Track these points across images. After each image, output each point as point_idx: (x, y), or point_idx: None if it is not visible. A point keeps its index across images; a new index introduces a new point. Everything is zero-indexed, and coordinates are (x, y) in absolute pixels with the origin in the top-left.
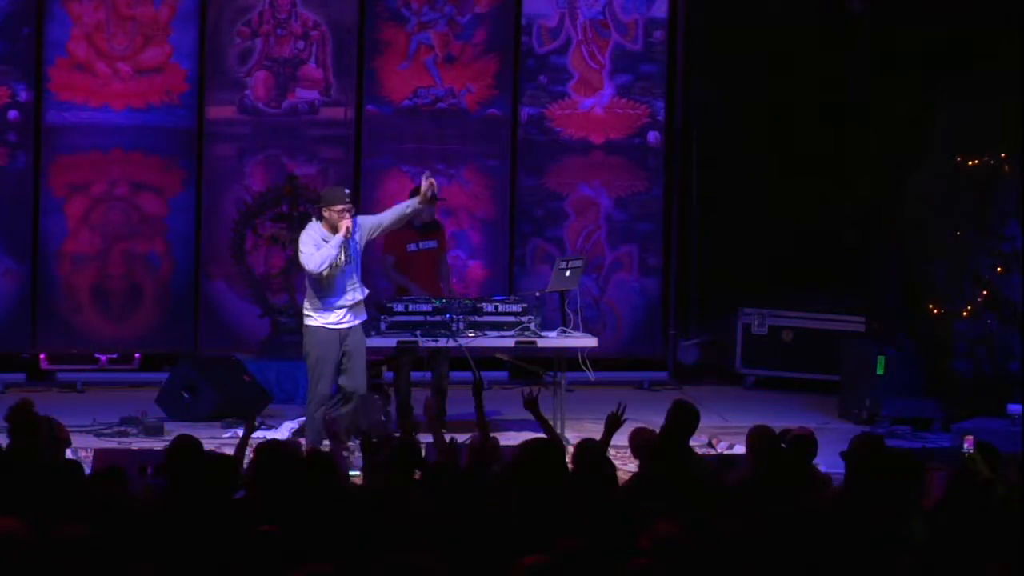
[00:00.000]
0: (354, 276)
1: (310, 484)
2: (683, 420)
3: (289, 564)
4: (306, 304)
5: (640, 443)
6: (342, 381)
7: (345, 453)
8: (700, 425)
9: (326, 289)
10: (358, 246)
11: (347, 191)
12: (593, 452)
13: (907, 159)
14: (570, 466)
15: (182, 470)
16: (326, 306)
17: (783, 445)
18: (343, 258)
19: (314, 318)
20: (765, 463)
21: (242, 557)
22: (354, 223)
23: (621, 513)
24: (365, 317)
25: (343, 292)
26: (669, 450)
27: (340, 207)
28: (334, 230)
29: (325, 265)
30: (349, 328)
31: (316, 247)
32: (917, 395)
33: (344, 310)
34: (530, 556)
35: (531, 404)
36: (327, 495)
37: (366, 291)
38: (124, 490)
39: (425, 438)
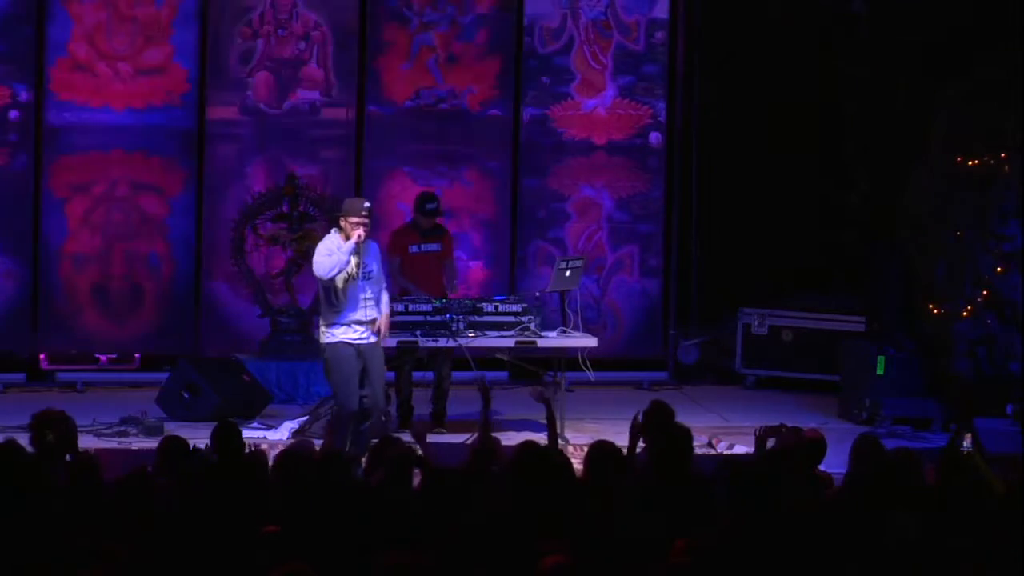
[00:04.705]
0: (369, 292)
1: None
2: (658, 418)
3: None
4: (321, 321)
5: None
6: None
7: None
8: (700, 425)
9: (340, 302)
10: (372, 267)
11: (367, 205)
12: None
13: (907, 159)
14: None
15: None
16: (341, 320)
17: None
18: (355, 269)
19: (331, 335)
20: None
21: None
22: (372, 247)
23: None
24: (378, 338)
25: (357, 306)
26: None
27: (355, 219)
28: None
29: (335, 272)
30: (367, 345)
31: (329, 254)
32: (917, 395)
33: (361, 327)
34: (549, 557)
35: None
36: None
37: (377, 313)
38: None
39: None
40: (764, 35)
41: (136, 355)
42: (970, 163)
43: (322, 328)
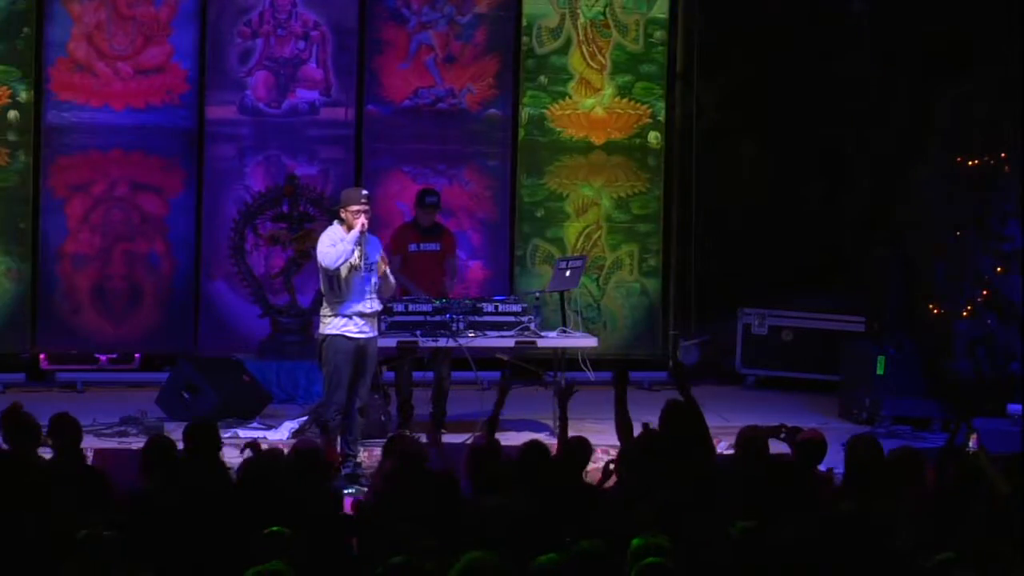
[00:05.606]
0: (373, 283)
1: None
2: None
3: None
4: (322, 312)
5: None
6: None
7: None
8: None
9: (342, 293)
10: (375, 258)
11: (364, 192)
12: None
13: (907, 159)
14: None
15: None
16: (343, 312)
17: (786, 443)
18: (358, 259)
19: (331, 326)
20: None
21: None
22: (373, 239)
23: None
24: (376, 333)
25: (361, 297)
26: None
27: (355, 208)
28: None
29: (342, 261)
30: (366, 340)
31: (333, 244)
32: (917, 395)
33: (363, 320)
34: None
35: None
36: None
37: (380, 305)
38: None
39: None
40: (763, 35)
41: (136, 355)
42: (970, 163)
43: (323, 318)
